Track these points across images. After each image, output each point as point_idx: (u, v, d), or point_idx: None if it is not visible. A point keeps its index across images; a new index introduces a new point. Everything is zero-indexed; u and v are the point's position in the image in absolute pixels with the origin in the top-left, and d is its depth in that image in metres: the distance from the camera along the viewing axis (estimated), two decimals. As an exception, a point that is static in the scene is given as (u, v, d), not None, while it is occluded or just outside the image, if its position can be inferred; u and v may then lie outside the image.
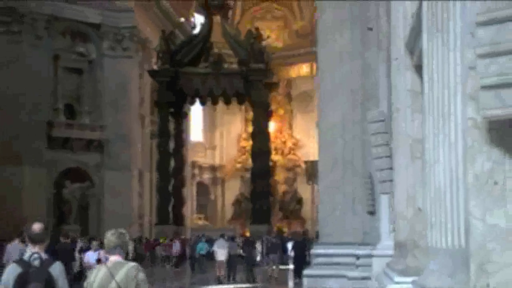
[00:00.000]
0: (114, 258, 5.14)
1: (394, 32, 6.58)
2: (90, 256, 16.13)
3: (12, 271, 5.54)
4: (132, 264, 5.17)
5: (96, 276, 5.07)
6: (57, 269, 5.58)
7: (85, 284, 5.17)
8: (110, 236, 5.20)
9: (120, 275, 5.00)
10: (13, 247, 16.94)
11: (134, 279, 5.01)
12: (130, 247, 25.62)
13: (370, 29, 13.71)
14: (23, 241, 15.56)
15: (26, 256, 5.61)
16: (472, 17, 2.92)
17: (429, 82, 4.02)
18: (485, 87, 2.87)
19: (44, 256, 5.59)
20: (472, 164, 3.06)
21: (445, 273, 3.60)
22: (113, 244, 5.17)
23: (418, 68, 5.60)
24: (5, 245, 18.26)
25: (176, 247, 30.42)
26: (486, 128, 3.00)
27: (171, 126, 37.64)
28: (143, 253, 31.53)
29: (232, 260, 24.31)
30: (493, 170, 3.02)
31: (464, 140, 3.16)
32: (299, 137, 53.46)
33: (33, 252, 5.56)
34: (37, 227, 5.73)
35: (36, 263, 5.50)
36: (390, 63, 7.60)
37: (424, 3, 4.17)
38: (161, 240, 32.43)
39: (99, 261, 14.20)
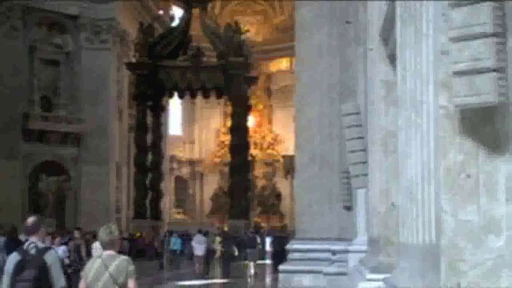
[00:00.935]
0: (107, 252, 5.78)
1: (370, 22, 6.43)
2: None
3: (12, 258, 6.31)
4: (124, 257, 5.86)
5: (91, 266, 5.76)
6: (51, 257, 6.26)
7: (81, 273, 5.91)
8: (102, 233, 5.83)
9: (112, 267, 5.68)
10: None
11: (125, 270, 5.72)
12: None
13: (349, 22, 13.57)
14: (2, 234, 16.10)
15: (25, 245, 6.36)
16: (444, -2, 2.74)
17: (402, 72, 3.84)
18: (457, 73, 2.68)
19: (40, 245, 6.29)
20: (444, 157, 2.87)
21: (415, 271, 3.44)
22: (106, 239, 5.79)
23: (393, 58, 5.44)
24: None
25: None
26: (458, 117, 2.81)
27: (150, 119, 37.30)
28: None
29: (208, 255, 24.19)
30: (465, 163, 2.83)
31: (436, 131, 2.99)
32: (278, 132, 53.38)
33: (30, 242, 6.30)
34: (30, 220, 6.49)
35: (33, 251, 6.20)
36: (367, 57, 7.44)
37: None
38: (136, 235, 32.14)
39: None
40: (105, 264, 5.67)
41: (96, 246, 17.66)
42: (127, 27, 40.87)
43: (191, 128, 54.82)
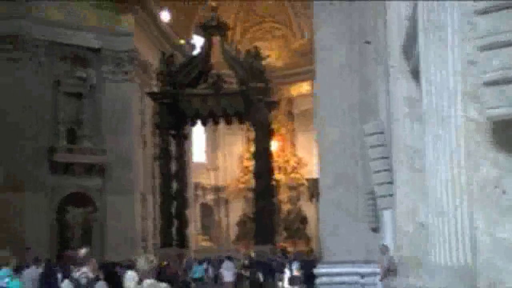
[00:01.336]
0: (148, 280, 6.10)
1: (390, 38, 6.28)
2: None
3: (65, 287, 7.01)
4: (164, 285, 6.24)
5: None
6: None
7: None
8: (142, 263, 6.17)
9: None
10: (31, 271, 17.42)
11: None
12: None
13: (368, 42, 13.45)
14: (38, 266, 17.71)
15: (77, 275, 6.98)
16: (470, 4, 2.58)
17: (427, 86, 3.68)
18: (487, 83, 2.51)
19: (91, 275, 6.97)
20: (476, 172, 2.70)
21: (450, 294, 3.25)
22: (147, 268, 6.13)
23: (416, 74, 5.28)
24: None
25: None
26: (490, 130, 2.63)
27: (173, 148, 37.31)
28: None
29: (237, 282, 23.98)
30: (500, 177, 2.64)
31: (466, 145, 2.82)
32: (301, 155, 53.12)
33: (81, 272, 6.98)
34: (82, 251, 7.40)
35: (84, 281, 6.89)
36: (389, 75, 7.28)
37: (419, 3, 3.84)
38: (162, 264, 31.89)
39: None
40: None
41: (130, 275, 17.62)
42: (148, 57, 41.17)
43: (214, 155, 54.79)
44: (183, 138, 38.06)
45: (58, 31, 36.53)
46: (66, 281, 7.04)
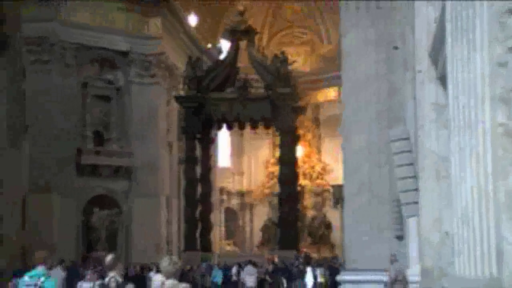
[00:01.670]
0: (170, 281, 6.37)
1: (418, 43, 6.15)
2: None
3: None
4: (185, 285, 6.52)
5: None
6: None
7: None
8: (166, 265, 6.37)
9: None
10: (55, 272, 17.56)
11: None
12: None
13: (396, 48, 13.28)
14: (63, 268, 18.68)
15: (106, 280, 7.40)
16: (501, 3, 2.45)
17: (454, 90, 3.55)
18: (517, 87, 2.40)
19: (119, 279, 7.35)
20: (504, 179, 2.57)
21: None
22: (170, 270, 6.35)
23: (443, 80, 5.14)
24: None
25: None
26: (519, 135, 2.51)
27: (199, 152, 37.37)
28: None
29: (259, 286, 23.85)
30: (529, 186, 2.52)
31: (494, 151, 2.69)
32: (327, 161, 52.83)
33: (110, 276, 7.31)
34: (109, 257, 7.62)
35: (113, 285, 7.28)
36: (416, 81, 7.14)
37: (448, 3, 3.72)
38: (186, 268, 31.89)
39: None
40: None
41: (153, 276, 17.77)
42: (175, 61, 41.28)
43: (240, 160, 54.75)
44: (209, 142, 38.13)
45: (86, 34, 36.82)
46: (97, 286, 7.79)
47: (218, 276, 27.48)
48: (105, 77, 38.69)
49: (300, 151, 44.01)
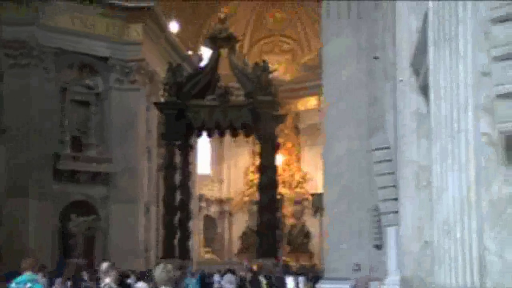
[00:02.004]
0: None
1: (399, 52, 6.16)
2: None
3: None
4: None
5: None
6: None
7: None
8: (160, 272, 6.29)
9: None
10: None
11: None
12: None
13: (377, 57, 13.34)
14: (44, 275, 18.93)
15: (101, 285, 7.83)
16: (486, 13, 2.45)
17: (436, 99, 3.55)
18: (501, 96, 2.38)
19: (113, 285, 7.74)
20: (487, 189, 2.56)
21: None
22: (164, 278, 6.26)
23: (424, 89, 5.15)
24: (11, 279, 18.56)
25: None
26: (503, 145, 2.49)
27: (178, 158, 37.20)
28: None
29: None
30: (512, 196, 2.51)
31: (477, 160, 2.68)
32: (307, 170, 52.96)
33: (105, 283, 7.68)
34: (104, 265, 7.99)
35: None
36: (397, 91, 7.16)
37: (430, 12, 3.72)
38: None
39: None
40: None
41: (136, 284, 17.67)
42: (156, 68, 41.16)
43: (219, 167, 54.68)
44: (189, 149, 37.96)
45: (66, 39, 36.57)
46: None
47: (192, 285, 27.16)
48: (84, 82, 38.45)
49: (279, 159, 44.03)
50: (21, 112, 34.18)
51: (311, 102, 52.62)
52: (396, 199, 6.68)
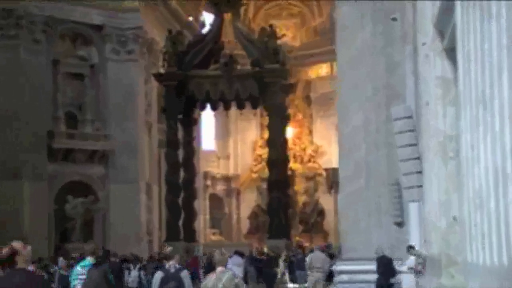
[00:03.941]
0: (220, 269, 8.27)
1: (422, 13, 6.10)
2: None
3: (158, 275, 10.33)
4: (231, 272, 8.51)
5: (209, 280, 8.27)
6: (184, 274, 10.27)
7: (202, 285, 8.49)
8: (218, 255, 8.44)
9: (224, 279, 8.09)
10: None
11: (233, 280, 8.12)
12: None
13: (395, 19, 13.26)
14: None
15: (166, 266, 10.35)
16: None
17: (465, 63, 3.51)
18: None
19: (177, 266, 10.38)
20: (524, 159, 2.55)
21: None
22: (222, 260, 8.43)
23: (450, 52, 5.11)
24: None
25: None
26: (542, 110, 2.48)
27: (181, 134, 37.23)
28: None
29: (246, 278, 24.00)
30: (552, 165, 2.50)
31: (511, 128, 2.66)
32: (319, 143, 52.91)
33: (170, 264, 10.26)
34: (168, 249, 11.26)
35: (172, 270, 10.18)
36: (418, 55, 7.11)
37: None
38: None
39: None
40: (219, 277, 8.10)
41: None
42: (154, 36, 41.00)
43: (225, 142, 54.68)
44: (192, 124, 37.99)
45: (57, 6, 36.37)
46: (159, 271, 10.37)
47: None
48: (78, 53, 38.39)
49: (290, 132, 44.01)
50: (10, 87, 34.16)
51: (323, 69, 52.39)
52: (420, 172, 6.67)
